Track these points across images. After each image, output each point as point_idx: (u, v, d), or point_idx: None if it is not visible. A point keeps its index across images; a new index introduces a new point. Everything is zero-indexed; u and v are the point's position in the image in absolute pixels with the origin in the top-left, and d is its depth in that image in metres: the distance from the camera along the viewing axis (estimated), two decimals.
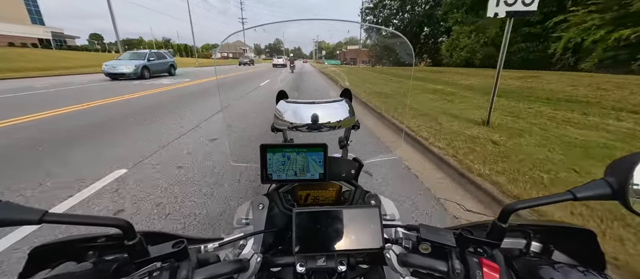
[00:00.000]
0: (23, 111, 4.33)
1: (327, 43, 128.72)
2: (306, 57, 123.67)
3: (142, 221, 1.64)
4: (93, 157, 2.57)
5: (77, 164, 2.41)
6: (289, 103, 0.65)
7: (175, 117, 4.20)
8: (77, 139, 3.13)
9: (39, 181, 2.08)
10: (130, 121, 3.97)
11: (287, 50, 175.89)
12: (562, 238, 0.42)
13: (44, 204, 1.78)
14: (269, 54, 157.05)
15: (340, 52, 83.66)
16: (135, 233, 0.33)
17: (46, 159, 2.51)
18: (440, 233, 0.38)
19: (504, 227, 0.35)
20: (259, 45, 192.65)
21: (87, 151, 2.74)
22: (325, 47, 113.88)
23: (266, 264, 0.43)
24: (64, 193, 1.92)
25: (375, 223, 0.40)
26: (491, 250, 0.37)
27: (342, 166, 0.62)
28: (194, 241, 0.43)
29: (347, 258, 0.42)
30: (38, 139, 3.06)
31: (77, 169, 2.29)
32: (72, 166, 2.36)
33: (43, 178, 2.13)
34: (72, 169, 2.30)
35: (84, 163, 2.44)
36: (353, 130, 0.84)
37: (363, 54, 69.10)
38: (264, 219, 0.51)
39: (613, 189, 0.31)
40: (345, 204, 0.62)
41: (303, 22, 15.49)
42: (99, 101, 5.50)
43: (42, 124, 3.70)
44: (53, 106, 4.88)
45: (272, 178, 0.53)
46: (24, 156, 2.58)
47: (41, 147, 2.81)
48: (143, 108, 4.86)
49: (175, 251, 0.35)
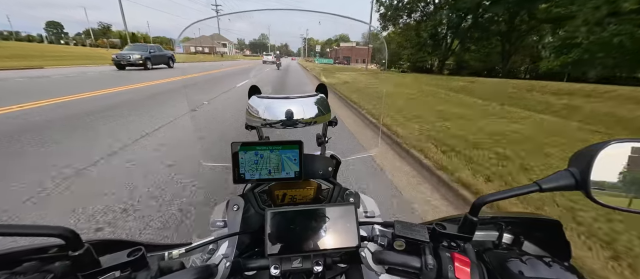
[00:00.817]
0: (83, 89, 6.52)
1: (316, 40, 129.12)
2: (294, 55, 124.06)
3: (226, 108, 5.22)
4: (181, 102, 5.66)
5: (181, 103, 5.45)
6: (261, 98, 0.65)
7: (206, 92, 7.31)
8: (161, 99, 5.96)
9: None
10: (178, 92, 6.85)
11: (273, 47, 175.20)
12: (531, 229, 0.46)
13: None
14: (253, 51, 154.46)
15: (332, 49, 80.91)
16: (82, 242, 0.32)
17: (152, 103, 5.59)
18: (414, 229, 0.40)
19: (475, 220, 0.37)
20: (242, 40, 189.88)
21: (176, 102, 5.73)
22: (314, 43, 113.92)
23: (238, 269, 0.42)
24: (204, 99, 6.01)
25: (350, 221, 0.41)
26: (464, 244, 0.39)
27: (319, 163, 0.62)
28: (157, 248, 0.42)
29: (323, 258, 0.43)
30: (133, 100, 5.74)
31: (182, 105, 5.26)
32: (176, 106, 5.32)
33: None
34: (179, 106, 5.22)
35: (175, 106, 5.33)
36: (330, 126, 0.85)
37: (359, 52, 68.54)
38: (239, 220, 0.51)
39: (576, 180, 0.35)
40: (323, 202, 0.63)
41: (291, 16, 12.97)
42: (129, 86, 7.70)
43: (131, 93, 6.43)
44: (98, 87, 7.07)
45: (245, 178, 0.53)
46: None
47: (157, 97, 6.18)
48: (178, 87, 7.81)
49: (131, 260, 0.34)
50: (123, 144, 3.05)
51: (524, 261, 0.35)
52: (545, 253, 0.43)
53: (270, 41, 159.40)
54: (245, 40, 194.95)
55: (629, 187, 0.35)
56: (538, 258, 0.35)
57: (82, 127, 3.62)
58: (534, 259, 0.35)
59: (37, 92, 5.87)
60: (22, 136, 3.14)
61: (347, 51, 72.72)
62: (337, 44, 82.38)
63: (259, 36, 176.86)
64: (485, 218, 0.41)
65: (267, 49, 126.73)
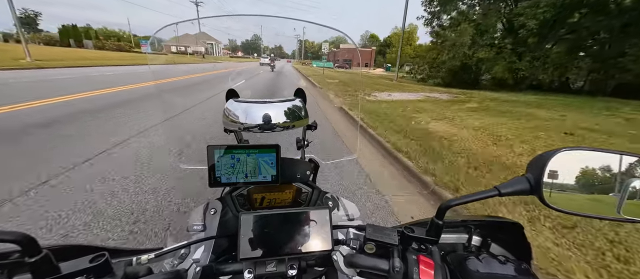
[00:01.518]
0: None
1: (311, 42, 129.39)
2: (289, 57, 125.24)
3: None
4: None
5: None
6: (239, 102, 0.68)
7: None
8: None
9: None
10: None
11: (267, 48, 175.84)
12: (497, 231, 0.51)
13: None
14: (245, 52, 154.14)
15: (330, 52, 78.45)
16: (40, 248, 0.32)
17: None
18: (384, 232, 0.43)
19: (440, 224, 0.41)
20: (234, 41, 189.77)
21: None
22: (309, 45, 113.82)
23: (210, 274, 0.44)
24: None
25: (324, 225, 0.44)
26: (431, 246, 0.43)
27: (297, 167, 0.66)
28: (123, 253, 0.43)
29: (298, 262, 0.45)
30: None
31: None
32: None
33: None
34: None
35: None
36: (310, 130, 0.90)
37: (361, 54, 66.16)
38: (216, 224, 0.54)
39: (531, 185, 0.39)
40: (302, 206, 0.66)
41: (283, 19, 13.50)
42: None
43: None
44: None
45: (221, 181, 0.56)
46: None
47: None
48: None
49: (93, 266, 0.35)
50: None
51: (481, 259, 0.39)
52: (508, 254, 0.48)
53: (263, 43, 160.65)
54: (237, 41, 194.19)
55: (578, 192, 0.40)
56: (493, 256, 0.40)
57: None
58: (489, 257, 0.39)
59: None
60: None
61: (347, 54, 68.70)
62: (335, 45, 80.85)
63: (252, 37, 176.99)
64: (456, 221, 0.45)
65: (259, 51, 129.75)
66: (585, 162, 0.39)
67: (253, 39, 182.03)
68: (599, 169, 0.39)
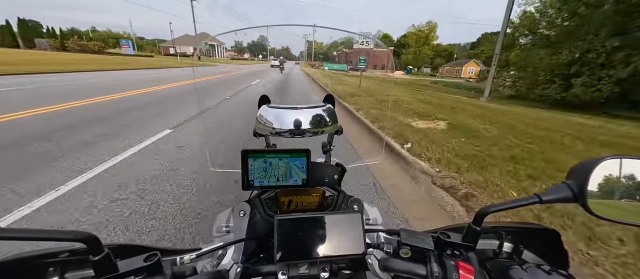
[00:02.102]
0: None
1: (319, 42, 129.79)
2: (296, 58, 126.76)
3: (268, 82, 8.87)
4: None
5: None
6: (271, 108, 0.74)
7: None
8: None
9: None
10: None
11: (274, 50, 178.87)
12: (531, 238, 0.52)
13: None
14: (251, 54, 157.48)
15: (341, 52, 75.55)
16: (102, 247, 0.36)
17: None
18: (419, 237, 0.46)
19: (478, 230, 0.43)
20: (240, 42, 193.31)
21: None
22: (318, 46, 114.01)
23: (247, 274, 0.48)
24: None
25: (357, 228, 0.47)
26: (467, 252, 0.45)
27: (325, 171, 0.70)
28: (169, 253, 0.47)
29: (329, 265, 0.48)
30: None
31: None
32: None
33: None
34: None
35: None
36: (336, 135, 0.94)
37: (377, 56, 61.84)
38: (245, 226, 0.58)
39: (574, 193, 0.41)
40: (328, 209, 0.70)
41: (293, 18, 13.50)
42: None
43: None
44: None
45: (253, 185, 0.60)
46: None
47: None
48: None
49: (147, 265, 0.39)
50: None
51: (525, 269, 0.40)
52: (544, 262, 0.49)
53: (270, 44, 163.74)
54: (242, 43, 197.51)
55: (624, 200, 0.41)
56: (537, 266, 0.41)
57: None
58: (534, 267, 0.41)
59: None
60: None
61: (361, 54, 66.43)
62: (348, 46, 76.31)
63: (258, 38, 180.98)
64: (486, 227, 0.46)
65: (265, 52, 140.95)
66: (630, 170, 0.41)
67: (259, 40, 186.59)
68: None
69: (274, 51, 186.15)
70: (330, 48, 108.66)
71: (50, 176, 2.54)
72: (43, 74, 12.26)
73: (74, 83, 9.51)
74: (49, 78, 10.91)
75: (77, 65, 18.13)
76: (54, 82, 9.77)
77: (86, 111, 5.30)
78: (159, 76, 14.54)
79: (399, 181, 2.89)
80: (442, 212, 2.32)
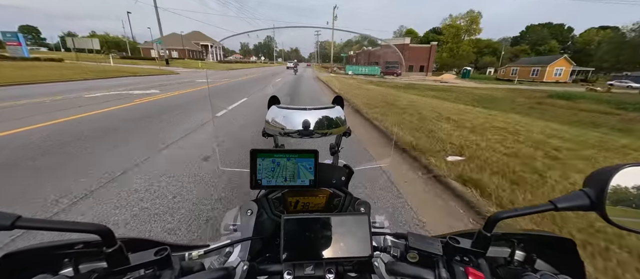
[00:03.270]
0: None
1: (330, 41, 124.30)
2: (306, 60, 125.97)
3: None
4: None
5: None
6: (280, 109, 0.81)
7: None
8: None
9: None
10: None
11: (282, 51, 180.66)
12: (544, 247, 0.54)
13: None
14: (258, 56, 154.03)
15: (361, 51, 65.46)
16: (115, 240, 0.40)
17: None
18: (427, 242, 0.50)
19: (489, 236, 0.46)
20: (246, 44, 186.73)
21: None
22: (330, 46, 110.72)
23: (253, 273, 0.54)
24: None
25: (364, 231, 0.52)
26: (477, 259, 0.48)
27: (333, 172, 0.77)
28: (178, 249, 0.53)
29: (335, 266, 0.53)
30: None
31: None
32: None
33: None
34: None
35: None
36: (344, 137, 1.01)
37: (414, 54, 48.85)
38: (252, 225, 0.64)
39: (591, 201, 0.42)
40: (335, 211, 0.75)
41: (301, 18, 16.40)
42: None
43: None
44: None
45: (261, 184, 0.68)
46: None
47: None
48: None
49: (157, 259, 0.44)
50: None
51: (540, 277, 0.42)
52: (557, 271, 0.50)
53: (277, 46, 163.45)
54: (248, 45, 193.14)
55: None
56: (553, 275, 0.43)
57: None
58: (548, 276, 0.43)
59: None
60: None
61: (390, 54, 48.73)
62: (371, 43, 65.12)
63: (265, 38, 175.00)
64: (496, 234, 0.48)
65: (271, 54, 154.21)
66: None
67: (266, 41, 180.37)
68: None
69: (282, 53, 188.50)
70: (345, 47, 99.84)
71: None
72: None
73: None
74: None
75: None
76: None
77: None
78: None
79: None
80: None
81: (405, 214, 2.59)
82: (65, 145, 4.06)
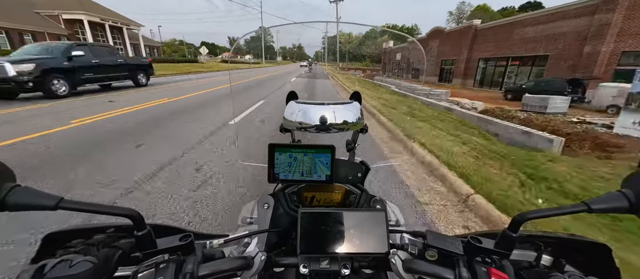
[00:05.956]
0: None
1: (343, 33, 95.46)
2: (315, 59, 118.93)
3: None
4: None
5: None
6: (298, 104, 0.82)
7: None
8: None
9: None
10: None
11: (285, 48, 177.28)
12: (575, 251, 0.51)
13: None
14: (255, 55, 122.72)
15: (388, 49, 43.84)
16: (145, 224, 0.43)
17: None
18: (447, 241, 0.48)
19: (514, 237, 0.44)
20: (235, 38, 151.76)
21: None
22: (342, 38, 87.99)
23: (270, 264, 0.54)
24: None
25: (381, 227, 0.51)
26: (500, 261, 0.46)
27: (349, 168, 0.76)
28: (201, 237, 0.55)
29: (351, 262, 0.53)
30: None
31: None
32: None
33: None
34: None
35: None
36: (361, 133, 1.01)
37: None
38: (269, 218, 0.65)
39: (630, 203, 0.40)
40: (350, 207, 0.75)
41: (308, 16, 15.39)
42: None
43: None
44: None
45: (279, 178, 0.68)
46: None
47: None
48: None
49: (182, 245, 0.46)
50: None
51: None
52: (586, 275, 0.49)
53: (275, 43, 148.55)
54: (240, 41, 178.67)
55: None
56: (581, 277, 0.41)
57: None
58: (577, 278, 0.41)
59: None
60: None
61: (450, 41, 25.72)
62: (382, 41, 53.83)
63: (257, 30, 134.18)
64: (522, 235, 0.45)
65: (273, 52, 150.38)
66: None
67: (259, 32, 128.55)
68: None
69: (284, 51, 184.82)
70: (351, 43, 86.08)
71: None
72: None
73: None
74: None
75: None
76: None
77: None
78: None
79: None
80: None
81: None
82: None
